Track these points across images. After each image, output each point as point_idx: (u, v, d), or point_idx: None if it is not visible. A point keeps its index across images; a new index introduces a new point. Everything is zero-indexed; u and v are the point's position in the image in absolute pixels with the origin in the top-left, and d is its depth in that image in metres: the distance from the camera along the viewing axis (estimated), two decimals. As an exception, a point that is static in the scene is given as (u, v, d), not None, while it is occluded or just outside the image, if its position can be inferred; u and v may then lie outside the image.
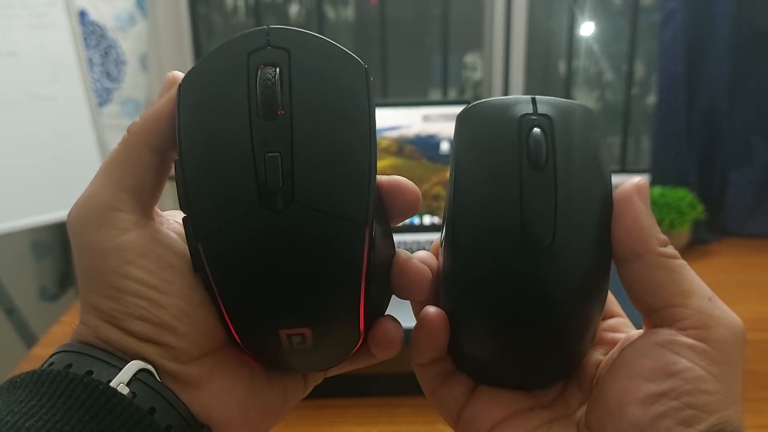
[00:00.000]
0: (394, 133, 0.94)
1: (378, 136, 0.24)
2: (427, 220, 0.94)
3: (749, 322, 0.26)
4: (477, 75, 1.52)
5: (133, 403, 0.20)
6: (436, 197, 0.94)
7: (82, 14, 1.07)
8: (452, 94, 1.42)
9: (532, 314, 0.23)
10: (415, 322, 0.26)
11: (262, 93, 0.22)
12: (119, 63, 1.14)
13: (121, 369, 0.21)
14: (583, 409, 0.25)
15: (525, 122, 0.24)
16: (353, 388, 0.72)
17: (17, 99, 0.94)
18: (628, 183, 0.24)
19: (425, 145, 0.95)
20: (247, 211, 0.22)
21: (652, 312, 0.23)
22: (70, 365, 0.21)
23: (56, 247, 1.23)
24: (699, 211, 1.06)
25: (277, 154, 0.22)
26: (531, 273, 0.23)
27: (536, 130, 0.24)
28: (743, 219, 1.17)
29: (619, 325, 0.28)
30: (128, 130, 0.24)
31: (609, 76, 1.49)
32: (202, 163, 0.22)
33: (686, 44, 1.14)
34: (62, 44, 0.97)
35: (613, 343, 0.27)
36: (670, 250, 0.23)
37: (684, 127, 1.17)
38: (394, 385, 0.75)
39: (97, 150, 1.01)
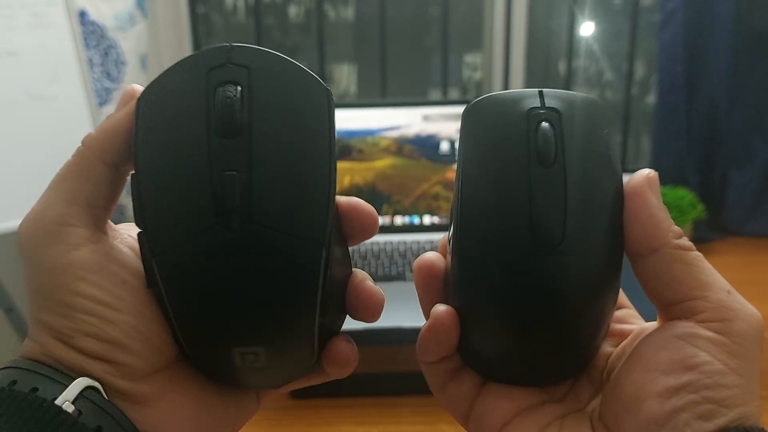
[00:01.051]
0: (394, 133, 0.94)
1: (378, 135, 0.24)
2: (427, 220, 0.94)
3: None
4: (477, 75, 1.52)
5: (78, 422, 0.20)
6: (436, 197, 0.94)
7: (82, 14, 1.07)
8: (452, 94, 1.42)
9: (543, 314, 0.23)
10: (406, 322, 0.26)
11: (222, 110, 0.22)
12: (119, 63, 1.14)
13: (67, 386, 0.21)
14: (595, 402, 0.25)
15: (533, 117, 0.23)
16: (352, 387, 0.72)
17: (17, 99, 0.94)
18: (639, 176, 0.23)
19: (425, 144, 0.95)
20: (202, 229, 0.21)
21: (670, 305, 0.23)
22: (14, 381, 0.21)
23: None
24: (699, 210, 1.06)
25: (235, 173, 0.21)
26: (541, 271, 0.23)
27: (544, 124, 0.23)
28: (744, 218, 1.17)
29: (627, 317, 0.27)
30: (83, 143, 0.24)
31: (609, 75, 1.49)
32: (158, 180, 0.22)
33: (686, 44, 1.14)
34: (62, 44, 0.97)
35: (621, 334, 0.26)
36: (686, 242, 0.23)
37: (684, 126, 1.17)
38: (394, 385, 0.75)
39: (97, 150, 1.01)
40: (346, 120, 0.95)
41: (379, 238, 0.91)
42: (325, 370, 0.25)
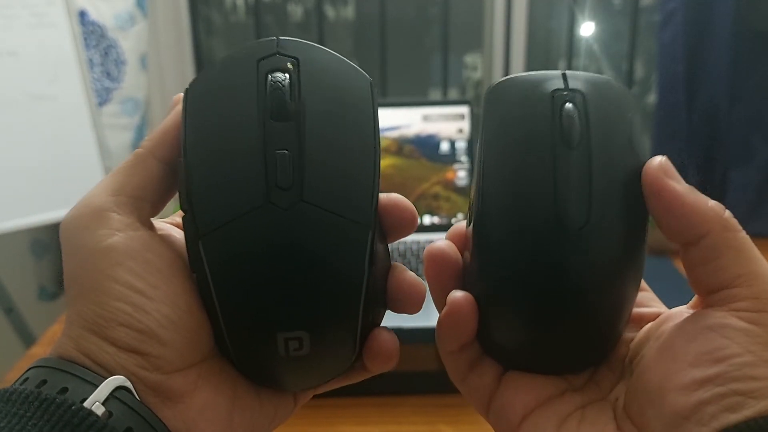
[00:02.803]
0: (394, 133, 0.94)
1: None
2: (427, 220, 0.94)
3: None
4: (477, 75, 1.52)
5: (108, 424, 0.20)
6: (436, 197, 0.94)
7: (82, 14, 1.07)
8: (452, 94, 1.42)
9: (565, 298, 0.23)
10: (406, 322, 0.25)
11: (273, 94, 0.22)
12: (119, 63, 1.14)
13: (97, 386, 0.20)
14: (617, 390, 0.24)
15: (557, 98, 0.23)
16: (352, 387, 0.72)
17: (17, 99, 0.94)
18: (651, 167, 0.23)
19: (425, 144, 0.95)
20: (253, 207, 0.21)
21: (711, 293, 0.22)
22: (44, 381, 0.21)
23: (55, 247, 1.23)
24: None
25: (287, 151, 0.22)
26: (564, 255, 0.22)
27: (568, 105, 0.23)
28: (744, 218, 1.15)
29: (646, 300, 0.27)
30: (140, 146, 0.25)
31: (609, 75, 1.49)
32: (207, 161, 0.22)
33: (686, 44, 1.14)
34: (62, 44, 0.97)
35: (641, 318, 0.26)
36: (732, 220, 0.22)
37: (684, 126, 1.17)
38: (394, 385, 0.75)
39: (97, 150, 1.01)
40: (346, 120, 0.95)
41: (379, 238, 0.91)
42: (365, 365, 0.25)
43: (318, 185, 0.22)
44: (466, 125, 0.95)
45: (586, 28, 1.42)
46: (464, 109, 0.95)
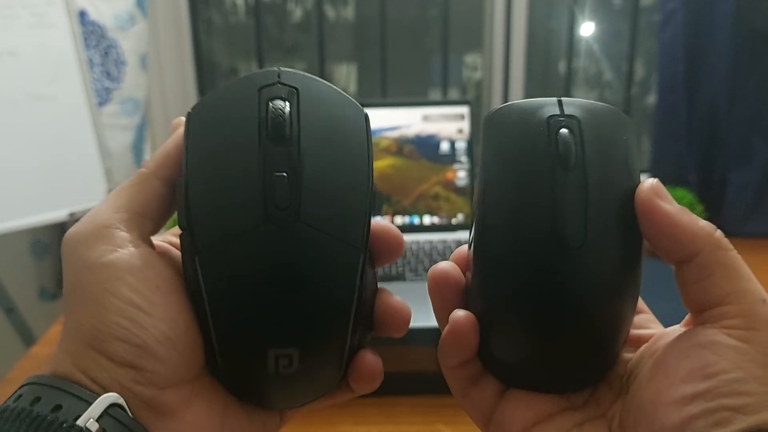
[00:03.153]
0: (394, 133, 0.94)
1: (378, 135, 0.25)
2: (427, 220, 0.94)
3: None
4: (477, 75, 1.52)
5: None
6: (436, 197, 0.94)
7: (82, 14, 1.07)
8: (452, 94, 1.42)
9: (564, 318, 0.23)
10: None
11: (273, 118, 0.23)
12: (119, 63, 1.14)
13: (91, 403, 0.21)
14: (614, 408, 0.25)
15: (553, 123, 0.24)
16: (353, 387, 0.72)
17: (17, 99, 0.94)
18: (642, 189, 0.23)
19: (425, 145, 0.95)
20: (251, 226, 0.22)
21: (702, 311, 0.22)
22: (38, 399, 0.21)
23: (56, 247, 1.23)
24: (699, 211, 1.06)
25: (285, 174, 0.22)
26: (562, 274, 0.23)
27: (564, 130, 0.24)
28: (743, 219, 1.17)
29: (646, 322, 0.27)
30: (142, 165, 0.26)
31: (609, 76, 1.49)
32: (207, 179, 0.23)
33: (686, 44, 1.14)
34: (62, 44, 0.97)
35: (639, 340, 0.26)
36: (722, 238, 0.23)
37: (684, 127, 1.17)
38: (394, 385, 0.75)
39: (97, 149, 1.01)
40: (346, 120, 0.95)
41: (379, 238, 0.91)
42: (350, 385, 0.26)
43: (314, 207, 0.23)
44: (466, 125, 0.95)
45: (586, 28, 1.42)
46: (464, 109, 0.95)
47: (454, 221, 0.94)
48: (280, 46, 1.49)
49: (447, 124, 0.95)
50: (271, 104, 0.24)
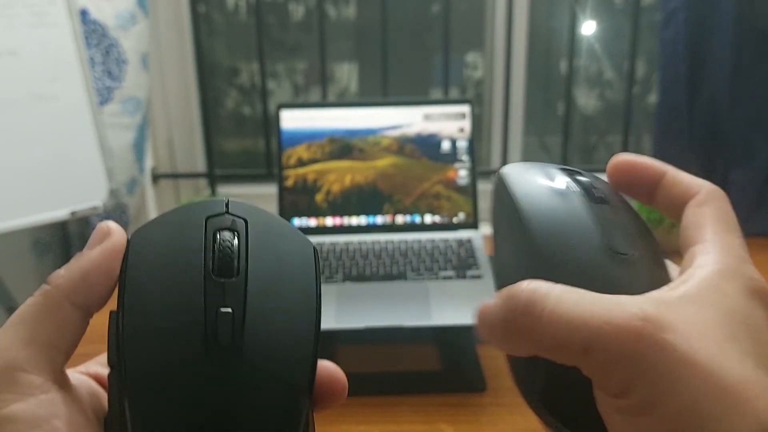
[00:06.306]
0: (395, 132, 0.94)
1: (379, 134, 0.24)
2: (428, 219, 0.94)
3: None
4: (478, 74, 1.52)
5: None
6: (437, 196, 0.94)
7: (83, 13, 1.07)
8: (453, 93, 1.41)
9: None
10: (406, 322, 0.25)
11: (220, 252, 0.22)
12: (120, 62, 1.14)
13: None
14: None
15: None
16: (352, 387, 0.72)
17: (18, 98, 0.94)
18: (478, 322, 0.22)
19: (426, 144, 0.94)
20: (189, 364, 0.21)
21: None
22: None
23: (57, 246, 1.23)
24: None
25: (230, 310, 0.21)
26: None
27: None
28: (745, 218, 1.16)
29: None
30: (49, 281, 0.22)
31: (610, 74, 1.49)
32: (145, 313, 0.21)
33: (688, 43, 1.14)
34: (63, 43, 0.97)
35: None
36: None
37: (685, 125, 1.17)
38: (394, 385, 0.75)
39: (98, 149, 1.01)
40: (347, 119, 0.95)
41: (380, 237, 0.91)
42: None
43: (259, 346, 0.21)
44: (467, 124, 0.95)
45: (588, 27, 1.42)
46: (465, 108, 0.95)
47: (455, 220, 0.94)
48: (281, 45, 1.48)
49: (448, 123, 0.95)
50: (219, 235, 0.23)
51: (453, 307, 0.77)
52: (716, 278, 0.20)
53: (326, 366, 0.24)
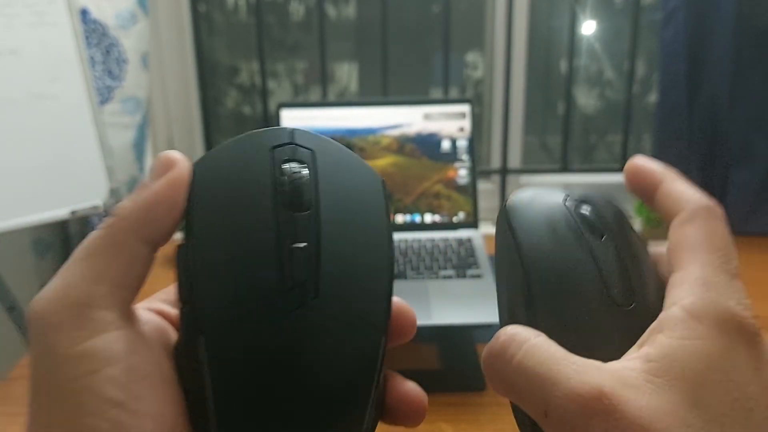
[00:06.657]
0: (395, 132, 0.94)
1: (379, 134, 0.24)
2: (428, 218, 0.94)
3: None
4: (478, 73, 1.52)
5: None
6: (437, 195, 0.94)
7: (84, 12, 1.07)
8: (453, 92, 1.42)
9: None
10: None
11: (291, 184, 0.21)
12: (121, 61, 1.14)
13: None
14: None
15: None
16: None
17: (18, 97, 0.94)
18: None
19: (426, 143, 0.95)
20: (266, 302, 0.20)
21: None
22: None
23: (57, 245, 1.24)
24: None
25: (304, 245, 0.20)
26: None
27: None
28: (745, 218, 1.16)
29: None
30: (115, 213, 0.21)
31: (610, 74, 1.49)
32: (215, 251, 0.21)
33: (688, 42, 1.14)
34: (63, 42, 0.97)
35: None
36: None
37: (685, 125, 1.17)
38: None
39: (99, 148, 1.01)
40: (347, 118, 0.95)
41: (380, 237, 0.91)
42: None
43: (334, 283, 0.21)
44: (467, 124, 0.95)
45: (588, 27, 1.42)
46: (465, 108, 0.95)
47: (455, 219, 0.94)
48: (281, 44, 1.48)
49: (448, 122, 0.95)
50: (287, 167, 0.22)
51: (453, 306, 0.78)
52: (688, 322, 0.20)
53: (398, 303, 0.23)
